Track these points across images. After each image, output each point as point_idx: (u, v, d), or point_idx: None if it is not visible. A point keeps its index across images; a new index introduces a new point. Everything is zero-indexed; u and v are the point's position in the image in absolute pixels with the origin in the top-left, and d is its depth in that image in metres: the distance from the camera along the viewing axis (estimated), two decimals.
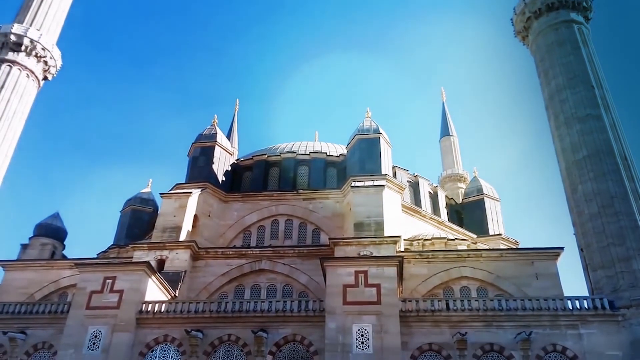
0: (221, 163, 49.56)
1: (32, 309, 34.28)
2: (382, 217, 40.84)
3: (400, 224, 42.84)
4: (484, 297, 33.65)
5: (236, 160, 53.84)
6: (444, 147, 79.64)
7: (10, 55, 42.83)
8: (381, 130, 48.09)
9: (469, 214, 54.86)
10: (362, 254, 37.46)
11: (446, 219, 51.82)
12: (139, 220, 52.80)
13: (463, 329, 29.45)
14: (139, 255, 40.05)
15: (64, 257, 49.45)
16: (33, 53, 43.63)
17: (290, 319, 31.39)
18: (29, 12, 45.38)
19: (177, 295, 37.12)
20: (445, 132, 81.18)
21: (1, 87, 41.40)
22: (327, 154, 52.16)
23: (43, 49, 44.15)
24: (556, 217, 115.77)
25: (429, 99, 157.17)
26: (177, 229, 42.11)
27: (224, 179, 49.25)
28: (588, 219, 33.13)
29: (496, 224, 53.10)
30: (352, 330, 29.44)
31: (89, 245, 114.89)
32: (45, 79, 45.77)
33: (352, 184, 43.62)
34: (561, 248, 38.18)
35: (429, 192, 53.29)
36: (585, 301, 30.40)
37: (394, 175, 48.22)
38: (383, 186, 42.74)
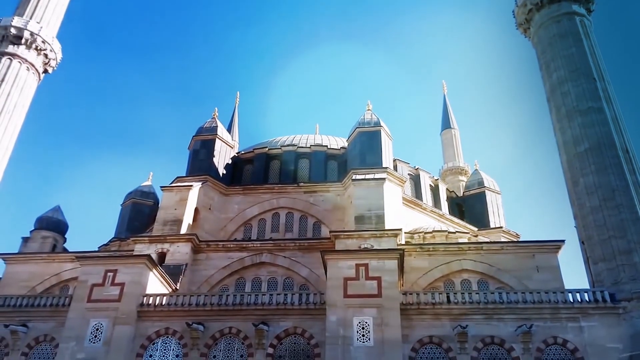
0: (222, 156, 49.57)
1: (33, 302, 34.29)
2: (383, 210, 40.85)
3: (401, 216, 42.85)
4: (484, 290, 33.69)
5: (237, 153, 53.79)
6: (445, 140, 79.57)
7: (11, 49, 42.77)
8: (382, 123, 48.00)
9: (469, 207, 54.83)
10: (363, 247, 37.47)
11: (447, 212, 51.81)
12: (140, 213, 52.85)
13: (464, 322, 29.47)
14: (140, 248, 40.13)
15: (65, 250, 49.52)
16: (33, 46, 43.55)
17: (291, 311, 31.41)
18: (29, 5, 45.28)
19: (178, 288, 37.20)
20: (446, 125, 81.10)
21: (1, 81, 41.36)
22: (328, 147, 52.08)
23: (43, 41, 44.06)
24: (557, 210, 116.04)
25: (430, 92, 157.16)
26: (178, 222, 42.16)
27: (224, 172, 49.25)
28: (589, 211, 33.08)
29: (497, 216, 53.07)
30: (352, 323, 29.47)
31: (90, 238, 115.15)
32: (45, 72, 45.70)
33: (353, 177, 43.57)
34: (562, 241, 38.14)
35: (430, 185, 53.28)
36: (586, 294, 30.39)
37: (395, 168, 48.15)
38: (384, 179, 42.71)
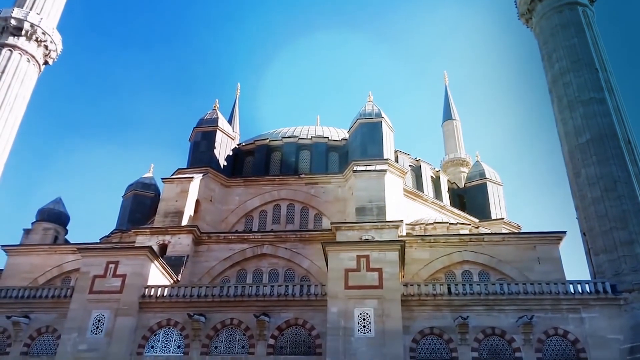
0: (223, 148, 49.52)
1: (35, 293, 34.36)
2: (384, 201, 40.83)
3: (402, 208, 42.83)
4: (485, 281, 33.66)
5: (238, 145, 53.74)
6: (447, 131, 79.37)
7: (11, 40, 42.70)
8: (383, 115, 47.88)
9: (471, 199, 54.75)
10: (364, 238, 37.44)
11: (448, 204, 51.77)
12: (141, 205, 52.86)
13: (465, 313, 29.50)
14: (142, 240, 40.17)
15: (67, 242, 49.63)
16: (33, 37, 43.45)
17: (292, 303, 31.47)
18: None
19: (179, 279, 37.26)
20: (447, 116, 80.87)
21: (2, 72, 41.31)
22: (329, 138, 51.99)
23: (43, 33, 43.94)
24: (559, 202, 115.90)
25: (432, 83, 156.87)
26: (179, 213, 42.18)
27: (225, 163, 49.22)
28: (591, 202, 32.99)
29: (498, 208, 53.01)
30: (353, 314, 29.53)
31: (92, 230, 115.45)
32: (46, 63, 45.60)
33: (354, 169, 43.51)
34: (563, 232, 38.08)
35: (431, 177, 53.22)
36: (587, 285, 30.36)
37: (396, 159, 48.06)
38: (385, 170, 42.65)
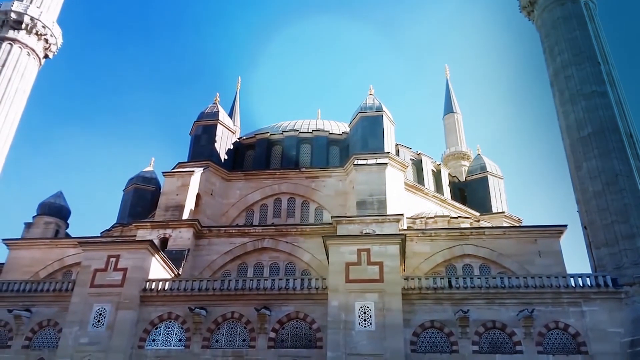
0: (223, 141, 49.46)
1: (36, 287, 34.41)
2: (385, 195, 40.82)
3: (403, 202, 42.82)
4: (486, 275, 33.73)
5: (238, 138, 53.70)
6: (448, 124, 79.20)
7: (11, 34, 42.57)
8: (384, 108, 47.77)
9: (472, 192, 54.69)
10: (364, 232, 37.49)
11: (449, 197, 51.73)
12: (142, 199, 52.78)
13: (465, 307, 29.51)
14: (142, 233, 40.19)
15: (68, 236, 49.64)
16: (34, 31, 43.31)
17: (293, 296, 31.47)
18: None
19: (180, 273, 37.27)
20: (448, 109, 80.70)
21: (2, 66, 41.21)
22: (330, 132, 51.92)
23: (43, 26, 43.81)
24: (560, 195, 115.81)
25: (433, 76, 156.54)
26: (180, 207, 42.17)
27: (226, 157, 49.19)
28: (592, 196, 32.91)
29: (499, 201, 52.94)
30: (354, 307, 29.53)
31: (93, 224, 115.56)
32: (46, 57, 45.48)
33: (355, 162, 43.47)
34: (564, 226, 37.97)
35: (432, 170, 53.15)
36: (588, 278, 30.31)
37: (397, 153, 48.02)
38: (386, 164, 42.61)
